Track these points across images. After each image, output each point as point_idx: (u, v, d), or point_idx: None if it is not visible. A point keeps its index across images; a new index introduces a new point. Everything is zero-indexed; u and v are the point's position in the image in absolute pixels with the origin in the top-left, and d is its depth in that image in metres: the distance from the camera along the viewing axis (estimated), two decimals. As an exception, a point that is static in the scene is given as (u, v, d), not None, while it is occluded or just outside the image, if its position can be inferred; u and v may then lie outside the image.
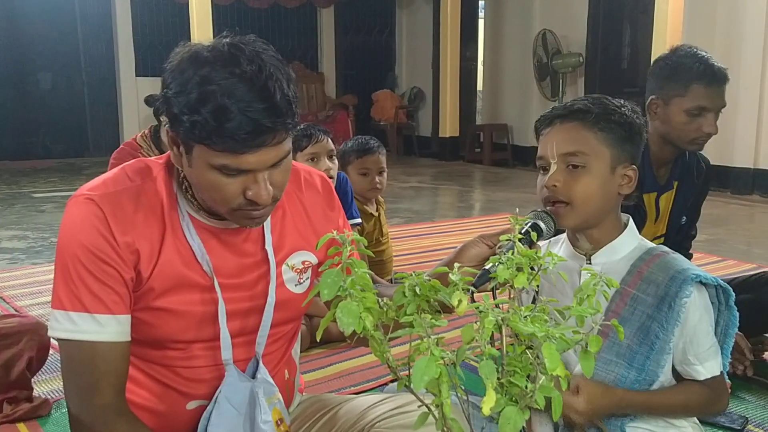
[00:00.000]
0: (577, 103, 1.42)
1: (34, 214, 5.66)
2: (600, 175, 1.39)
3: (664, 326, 1.36)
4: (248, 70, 1.02)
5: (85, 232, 1.10)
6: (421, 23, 10.68)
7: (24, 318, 2.19)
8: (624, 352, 1.40)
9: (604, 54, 8.21)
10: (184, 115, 1.03)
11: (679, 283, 1.37)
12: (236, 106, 1.00)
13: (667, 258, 1.43)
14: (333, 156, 2.84)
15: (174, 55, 1.08)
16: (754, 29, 6.37)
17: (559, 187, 1.38)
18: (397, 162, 9.15)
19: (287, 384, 1.33)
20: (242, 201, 1.09)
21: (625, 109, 1.43)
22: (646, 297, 1.39)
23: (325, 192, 1.36)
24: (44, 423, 2.07)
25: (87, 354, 1.12)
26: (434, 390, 0.84)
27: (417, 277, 0.92)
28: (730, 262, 4.05)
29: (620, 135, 1.40)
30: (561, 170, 1.39)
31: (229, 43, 1.06)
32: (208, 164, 1.06)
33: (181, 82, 1.03)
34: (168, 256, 1.15)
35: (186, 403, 1.22)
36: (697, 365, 1.40)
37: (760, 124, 6.48)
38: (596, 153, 1.38)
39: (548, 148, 1.40)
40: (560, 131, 1.40)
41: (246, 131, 1.01)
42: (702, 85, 2.02)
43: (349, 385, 2.34)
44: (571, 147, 1.38)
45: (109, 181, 1.16)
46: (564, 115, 1.41)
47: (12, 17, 9.10)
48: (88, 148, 9.79)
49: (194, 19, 6.21)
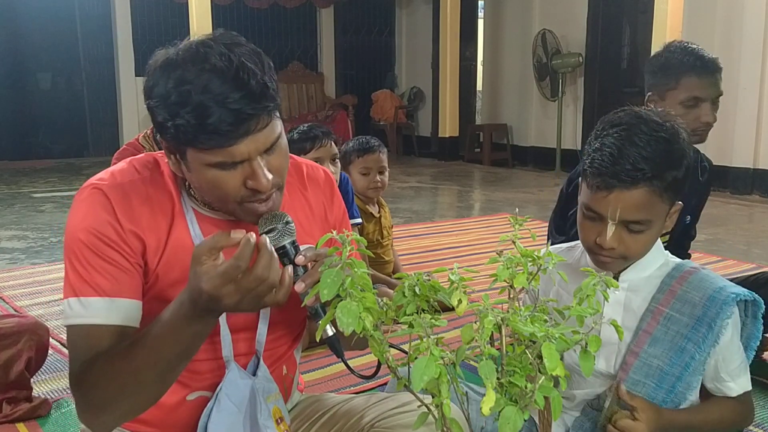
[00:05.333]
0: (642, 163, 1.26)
1: (34, 214, 5.66)
2: (658, 230, 1.34)
3: (700, 347, 1.33)
4: (218, 64, 1.02)
5: (91, 218, 1.11)
6: (420, 23, 10.69)
7: (23, 318, 2.19)
8: (654, 373, 1.36)
9: (603, 54, 8.21)
10: (167, 121, 1.04)
11: (719, 305, 1.33)
12: (213, 100, 1.01)
13: (700, 275, 1.38)
14: (336, 159, 2.83)
15: (149, 65, 1.09)
16: (754, 29, 6.38)
17: (617, 249, 1.31)
18: (397, 162, 9.15)
19: (285, 380, 1.33)
20: (246, 193, 1.09)
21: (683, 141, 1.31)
22: (681, 317, 1.35)
23: (327, 186, 1.36)
24: (43, 423, 2.07)
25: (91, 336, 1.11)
26: (434, 390, 0.84)
27: (417, 277, 0.92)
28: (730, 262, 4.06)
29: (681, 183, 1.31)
30: (620, 231, 1.31)
31: (197, 41, 1.07)
32: (204, 164, 1.07)
33: (159, 90, 1.04)
34: (174, 248, 1.16)
35: (186, 394, 1.22)
36: (729, 382, 1.38)
37: (759, 124, 6.48)
38: (660, 213, 1.32)
39: (609, 210, 1.29)
40: (625, 198, 1.28)
41: (228, 122, 1.02)
42: (693, 75, 2.04)
43: (349, 385, 2.34)
44: (638, 216, 1.29)
45: (117, 173, 1.17)
46: (630, 183, 1.27)
47: (12, 17, 9.10)
48: (87, 147, 9.79)
49: (194, 19, 6.21)
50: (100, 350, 1.09)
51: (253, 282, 0.99)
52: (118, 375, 1.07)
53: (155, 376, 1.07)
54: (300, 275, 1.07)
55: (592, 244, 1.34)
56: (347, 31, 11.08)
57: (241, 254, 0.97)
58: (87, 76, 9.64)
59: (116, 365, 1.07)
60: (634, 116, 1.33)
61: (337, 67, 10.99)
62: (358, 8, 10.92)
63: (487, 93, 10.00)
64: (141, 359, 1.05)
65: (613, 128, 1.32)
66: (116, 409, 1.10)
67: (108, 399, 1.09)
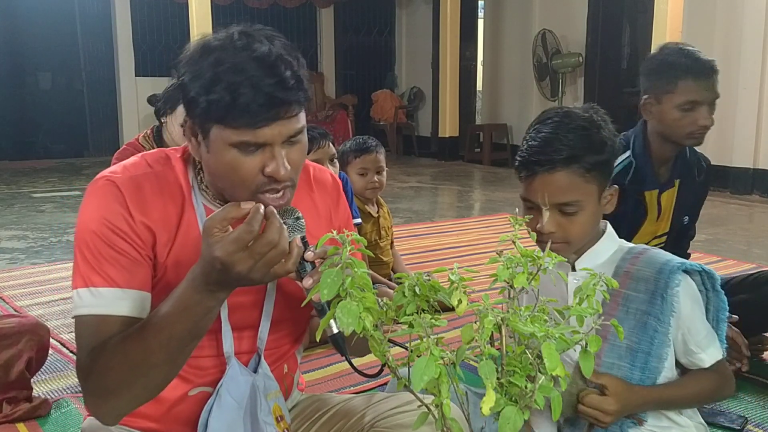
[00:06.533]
0: (559, 147, 1.36)
1: (34, 214, 5.66)
2: (592, 212, 1.41)
3: (660, 318, 1.38)
4: (258, 50, 1.06)
5: (103, 209, 1.13)
6: (420, 23, 10.69)
7: (23, 318, 2.19)
8: (624, 353, 1.40)
9: (603, 54, 8.21)
10: (200, 96, 1.06)
11: (667, 274, 1.39)
12: (248, 81, 1.04)
13: (650, 253, 1.45)
14: (334, 159, 2.84)
15: (185, 49, 1.12)
16: (754, 29, 6.38)
17: (556, 233, 1.38)
18: (397, 162, 9.15)
19: (286, 378, 1.34)
20: (261, 179, 1.10)
21: (604, 130, 1.40)
22: (637, 294, 1.41)
23: (334, 189, 1.38)
24: (43, 423, 2.07)
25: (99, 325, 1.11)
26: (434, 390, 0.84)
27: (417, 277, 0.92)
28: (730, 262, 4.06)
29: (604, 166, 1.40)
30: (555, 215, 1.38)
31: (239, 30, 1.10)
32: (227, 143, 1.08)
33: (195, 68, 1.07)
34: (182, 242, 1.17)
35: (188, 389, 1.23)
36: (699, 353, 1.42)
37: (759, 124, 6.48)
38: (588, 194, 1.39)
39: (538, 195, 1.38)
40: (550, 182, 1.37)
41: (259, 104, 1.04)
42: (690, 79, 2.04)
43: (349, 385, 2.34)
44: (564, 198, 1.37)
45: (130, 166, 1.19)
46: (549, 167, 1.36)
47: (12, 17, 9.10)
48: (87, 147, 9.79)
49: (194, 19, 6.22)
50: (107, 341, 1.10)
51: (265, 246, 1.00)
52: (128, 356, 1.07)
53: (166, 356, 1.07)
54: (308, 271, 1.09)
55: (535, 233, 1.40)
56: (347, 31, 11.08)
57: (253, 218, 1.00)
58: (87, 76, 9.64)
59: (127, 347, 1.07)
60: (557, 113, 1.43)
61: (337, 67, 10.99)
62: (358, 8, 10.92)
63: (487, 93, 10.01)
64: (152, 339, 1.06)
65: (537, 125, 1.43)
66: (126, 393, 1.10)
67: (118, 382, 1.08)
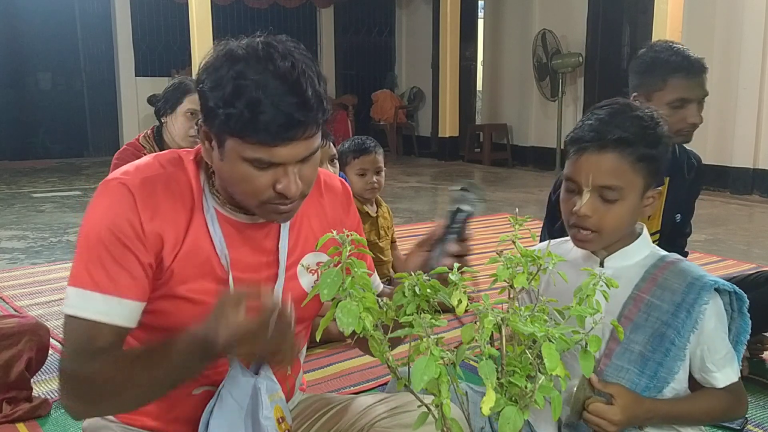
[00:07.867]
0: (614, 130, 1.34)
1: (34, 214, 5.66)
2: (632, 206, 1.37)
3: (680, 333, 1.35)
4: (281, 66, 1.05)
5: (112, 214, 1.12)
6: (420, 23, 10.68)
7: (23, 318, 2.19)
8: (636, 359, 1.38)
9: (603, 54, 8.21)
10: (219, 108, 1.06)
11: (697, 290, 1.36)
12: (269, 99, 1.03)
13: (682, 265, 1.42)
14: (334, 159, 2.84)
15: (208, 52, 1.12)
16: (754, 29, 6.38)
17: (592, 218, 1.35)
18: (397, 162, 9.15)
19: (288, 380, 1.34)
20: (272, 194, 1.11)
21: (661, 128, 1.37)
22: (661, 303, 1.38)
23: (344, 196, 1.39)
24: (43, 423, 2.07)
25: (89, 331, 1.12)
26: (434, 390, 0.84)
27: (417, 277, 0.92)
28: (730, 262, 4.05)
29: (655, 160, 1.36)
30: (594, 199, 1.35)
31: (262, 41, 1.09)
32: (241, 157, 1.08)
33: (217, 78, 1.07)
34: (191, 245, 1.17)
35: (192, 388, 1.23)
36: (715, 372, 1.39)
37: (759, 124, 6.48)
38: (632, 185, 1.35)
39: (582, 175, 1.35)
40: (597, 161, 1.34)
41: (278, 124, 1.04)
42: (680, 77, 2.04)
43: (349, 385, 2.34)
44: (609, 181, 1.34)
45: (142, 167, 1.19)
46: (602, 145, 1.34)
47: (12, 17, 9.10)
48: (87, 148, 9.79)
49: (194, 19, 6.21)
50: (96, 347, 1.11)
51: (268, 346, 1.05)
52: (114, 381, 1.11)
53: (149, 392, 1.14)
54: None
55: (570, 215, 1.39)
56: (347, 31, 11.08)
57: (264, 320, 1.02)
58: (87, 76, 9.64)
59: (115, 373, 1.11)
60: (617, 101, 1.41)
61: (337, 67, 10.99)
62: (358, 8, 10.91)
63: (487, 93, 10.00)
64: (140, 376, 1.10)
65: (597, 110, 1.41)
66: (101, 406, 1.17)
67: (97, 395, 1.13)
